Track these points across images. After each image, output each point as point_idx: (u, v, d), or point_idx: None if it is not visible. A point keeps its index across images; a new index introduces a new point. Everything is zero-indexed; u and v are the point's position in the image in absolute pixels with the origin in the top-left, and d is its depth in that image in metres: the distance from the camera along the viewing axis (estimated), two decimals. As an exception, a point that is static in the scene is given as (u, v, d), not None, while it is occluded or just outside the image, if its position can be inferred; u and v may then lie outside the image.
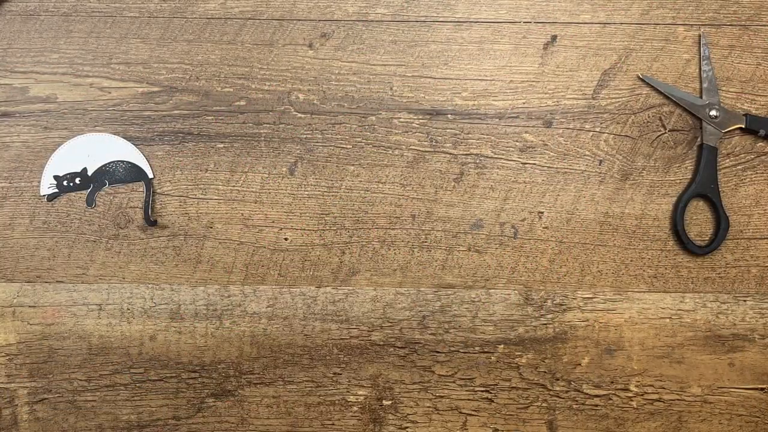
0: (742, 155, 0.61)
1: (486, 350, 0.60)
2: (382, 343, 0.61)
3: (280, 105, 0.62)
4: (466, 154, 0.61)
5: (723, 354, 0.61)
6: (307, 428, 0.61)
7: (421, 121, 0.62)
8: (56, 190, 0.61)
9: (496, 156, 0.61)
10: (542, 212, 0.61)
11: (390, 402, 0.61)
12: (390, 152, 0.62)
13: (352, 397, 0.61)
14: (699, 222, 0.61)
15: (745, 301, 0.61)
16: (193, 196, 0.61)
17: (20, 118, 0.61)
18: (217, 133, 0.61)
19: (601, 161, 0.61)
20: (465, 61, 0.62)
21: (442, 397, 0.60)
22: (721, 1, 0.61)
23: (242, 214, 0.61)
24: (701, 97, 0.61)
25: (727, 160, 0.61)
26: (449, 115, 0.62)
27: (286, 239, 0.61)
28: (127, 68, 0.61)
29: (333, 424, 0.61)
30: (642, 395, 0.61)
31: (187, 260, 0.61)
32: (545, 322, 0.61)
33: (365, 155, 0.62)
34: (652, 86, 0.61)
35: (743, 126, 0.60)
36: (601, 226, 0.61)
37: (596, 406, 0.60)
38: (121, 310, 0.61)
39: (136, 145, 0.61)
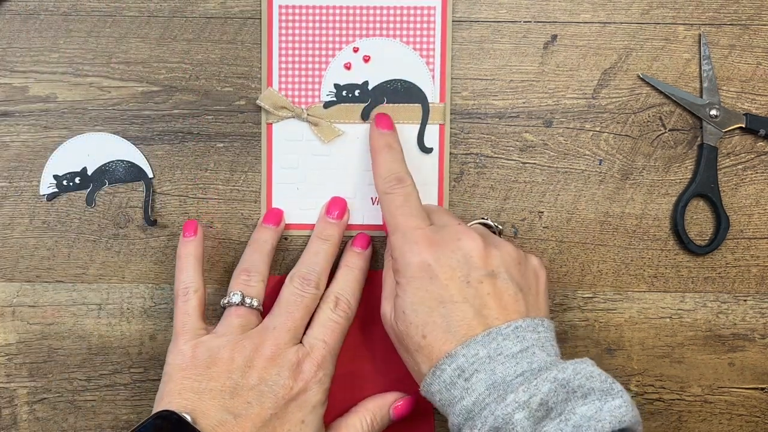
0: (743, 155, 0.61)
1: (486, 350, 0.60)
2: (382, 342, 0.60)
3: (280, 105, 0.62)
4: (466, 154, 0.61)
5: (723, 354, 0.61)
6: (307, 428, 0.60)
7: (421, 120, 0.62)
8: (56, 190, 0.61)
9: (496, 156, 0.61)
10: (542, 212, 0.61)
11: (390, 402, 0.60)
12: (390, 152, 0.61)
13: (352, 396, 0.60)
14: (699, 222, 0.61)
15: (745, 300, 0.61)
16: (193, 196, 0.61)
17: (20, 118, 0.61)
18: (217, 132, 0.61)
19: (601, 161, 0.61)
20: (465, 61, 0.61)
21: (442, 396, 0.60)
22: (722, 0, 0.61)
23: (242, 214, 0.61)
24: (701, 96, 0.61)
25: (727, 160, 0.61)
26: (449, 115, 0.62)
27: (286, 239, 0.61)
28: (126, 68, 0.61)
29: (333, 424, 0.60)
30: (642, 395, 0.61)
31: (187, 260, 0.61)
32: (545, 322, 0.60)
33: (365, 155, 0.61)
34: (652, 86, 0.61)
35: (743, 125, 0.60)
36: (601, 225, 0.61)
37: (596, 405, 0.60)
38: (121, 310, 0.61)
39: (135, 144, 0.61)
